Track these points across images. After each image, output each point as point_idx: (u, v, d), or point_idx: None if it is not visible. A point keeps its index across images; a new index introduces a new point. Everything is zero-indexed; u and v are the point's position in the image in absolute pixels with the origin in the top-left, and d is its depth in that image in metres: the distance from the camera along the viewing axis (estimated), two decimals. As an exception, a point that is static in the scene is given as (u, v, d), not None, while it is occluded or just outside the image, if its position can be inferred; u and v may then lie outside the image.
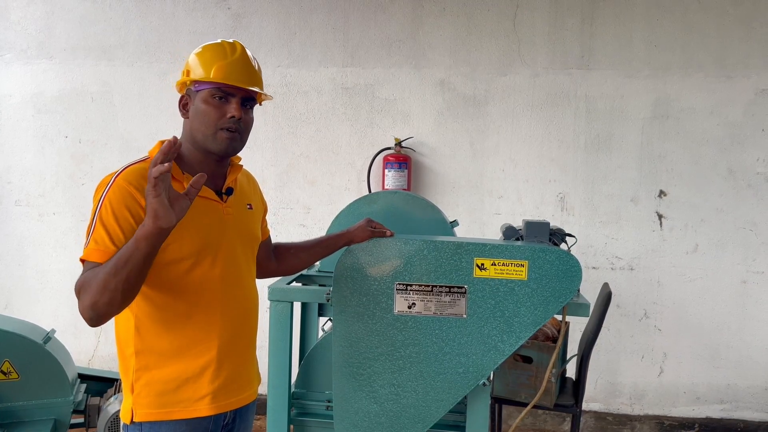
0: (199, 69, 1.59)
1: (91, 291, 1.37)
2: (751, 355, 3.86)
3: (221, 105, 1.58)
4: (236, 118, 1.58)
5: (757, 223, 3.80)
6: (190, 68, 1.62)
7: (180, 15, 4.02)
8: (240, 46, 1.64)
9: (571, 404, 2.85)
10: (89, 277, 1.40)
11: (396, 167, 3.82)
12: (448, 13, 3.88)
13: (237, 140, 1.61)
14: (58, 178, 4.17)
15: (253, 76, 1.63)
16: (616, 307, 3.88)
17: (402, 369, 1.99)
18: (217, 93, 1.58)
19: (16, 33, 4.12)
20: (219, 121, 1.57)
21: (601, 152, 3.86)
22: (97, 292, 1.36)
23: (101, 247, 1.44)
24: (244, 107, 1.62)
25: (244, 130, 1.62)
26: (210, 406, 1.61)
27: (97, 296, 1.36)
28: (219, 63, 1.58)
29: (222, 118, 1.58)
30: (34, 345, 2.66)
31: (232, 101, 1.59)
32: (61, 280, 4.20)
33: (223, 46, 1.63)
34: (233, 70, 1.59)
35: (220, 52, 1.61)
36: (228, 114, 1.58)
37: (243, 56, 1.62)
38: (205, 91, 1.58)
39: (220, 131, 1.58)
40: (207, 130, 1.58)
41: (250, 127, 1.66)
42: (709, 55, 3.76)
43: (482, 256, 1.94)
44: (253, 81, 1.62)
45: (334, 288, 2.01)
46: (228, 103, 1.59)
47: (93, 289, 1.37)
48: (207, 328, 1.60)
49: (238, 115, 1.58)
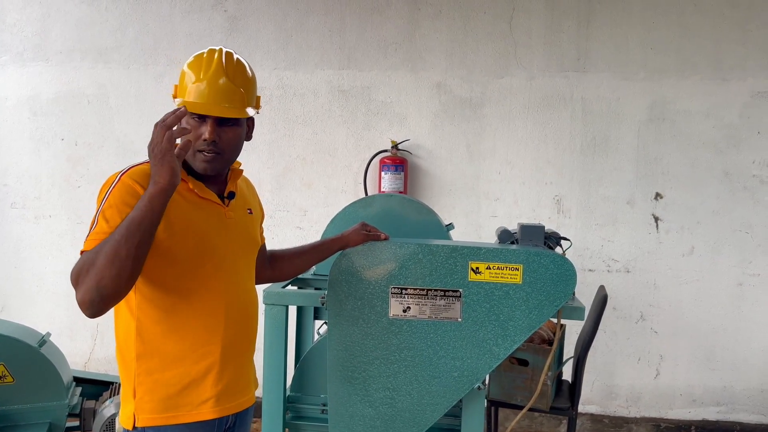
0: (182, 89, 1.58)
1: (95, 268, 1.34)
2: (747, 357, 3.87)
3: (198, 125, 1.54)
4: (209, 141, 1.53)
5: (753, 225, 3.81)
6: (178, 84, 1.61)
7: (176, 17, 4.02)
8: (217, 59, 1.57)
9: (567, 407, 2.85)
10: (90, 258, 1.37)
11: (392, 170, 3.82)
12: (445, 15, 3.88)
13: (216, 161, 1.57)
14: (54, 181, 4.16)
15: (227, 96, 1.56)
16: (613, 310, 3.88)
17: (397, 373, 1.99)
18: (194, 114, 1.54)
19: (12, 35, 4.11)
20: (196, 142, 1.54)
21: (598, 155, 3.87)
22: (104, 266, 1.33)
23: (101, 238, 1.41)
24: (225, 126, 1.56)
25: (223, 149, 1.57)
26: (213, 409, 1.61)
27: (104, 271, 1.33)
28: (193, 84, 1.55)
29: (198, 139, 1.54)
30: (29, 348, 2.65)
31: (207, 122, 1.54)
32: (57, 282, 4.19)
33: (201, 60, 1.58)
34: (204, 92, 1.54)
35: (196, 68, 1.57)
36: (202, 137, 1.54)
37: (216, 73, 1.55)
38: (186, 109, 1.56)
39: (197, 153, 1.56)
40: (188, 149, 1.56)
41: (236, 142, 1.61)
42: (704, 58, 3.77)
43: (477, 259, 1.94)
44: (227, 100, 1.55)
45: (329, 292, 2.01)
46: (204, 124, 1.54)
47: (99, 265, 1.33)
48: (211, 330, 1.59)
49: (210, 138, 1.53)
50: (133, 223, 1.33)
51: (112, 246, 1.33)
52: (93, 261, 1.36)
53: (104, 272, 1.33)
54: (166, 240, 1.50)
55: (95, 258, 1.35)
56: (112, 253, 1.33)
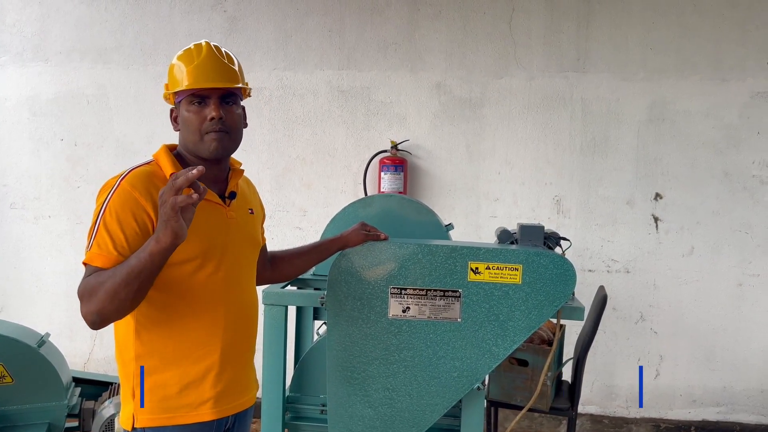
0: (174, 79, 1.60)
1: (98, 298, 1.38)
2: (747, 357, 3.87)
3: (201, 109, 1.56)
4: (216, 118, 1.55)
5: (753, 225, 3.80)
6: (169, 81, 1.62)
7: (176, 18, 4.02)
8: (206, 45, 1.62)
9: (567, 407, 2.85)
10: (94, 284, 1.40)
11: (392, 170, 3.82)
12: (444, 16, 3.89)
13: (226, 139, 1.59)
14: (53, 181, 4.16)
15: (225, 72, 1.60)
16: (612, 310, 3.88)
17: (396, 373, 1.99)
18: (194, 99, 1.56)
19: (11, 36, 4.11)
20: (202, 125, 1.56)
21: (597, 155, 3.87)
22: (105, 300, 1.37)
23: (104, 252, 1.44)
24: (226, 105, 1.59)
25: (231, 127, 1.60)
26: (213, 410, 1.60)
27: (104, 304, 1.38)
28: (187, 69, 1.57)
29: (204, 122, 1.56)
30: (29, 349, 2.65)
31: (210, 102, 1.56)
32: (56, 283, 4.19)
33: (189, 50, 1.62)
34: (201, 71, 1.57)
35: (187, 57, 1.60)
36: (208, 117, 1.56)
37: (209, 55, 1.59)
38: (184, 100, 1.58)
39: (205, 135, 1.57)
40: (194, 137, 1.57)
41: (239, 121, 1.64)
42: (704, 58, 3.77)
43: (476, 259, 1.94)
44: (224, 77, 1.59)
45: (329, 292, 2.01)
46: (206, 105, 1.57)
47: (101, 297, 1.38)
48: (210, 331, 1.59)
49: (218, 114, 1.55)
50: (133, 272, 1.36)
51: (112, 286, 1.37)
52: (95, 290, 1.39)
53: (105, 305, 1.38)
54: None
55: (97, 289, 1.39)
56: (112, 292, 1.37)
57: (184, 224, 1.31)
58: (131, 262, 1.36)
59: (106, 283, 1.38)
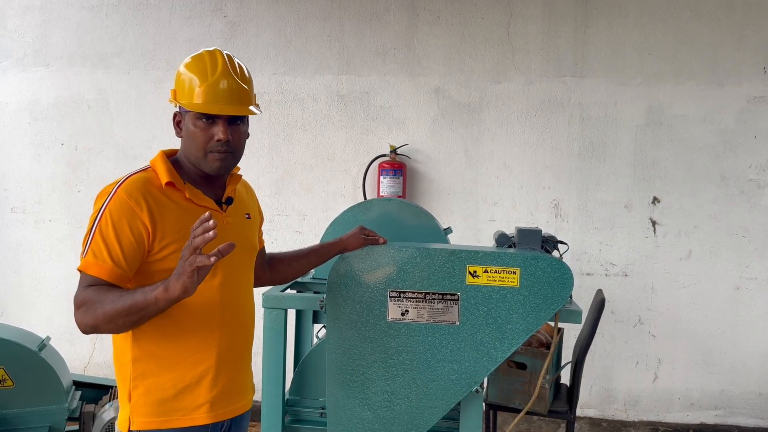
0: (184, 91, 1.58)
1: (95, 315, 1.40)
2: (744, 360, 3.88)
3: (208, 127, 1.56)
4: (224, 140, 1.55)
5: (750, 229, 3.82)
6: (177, 88, 1.61)
7: (176, 23, 4.04)
8: (221, 59, 1.59)
9: (566, 410, 2.86)
10: (94, 299, 1.41)
11: (391, 174, 3.84)
12: (443, 21, 3.91)
13: (229, 159, 1.60)
14: (54, 186, 4.18)
15: (238, 94, 1.58)
16: (610, 314, 3.89)
17: (395, 376, 2.00)
18: (202, 116, 1.55)
19: (12, 41, 4.13)
20: (207, 144, 1.56)
21: (595, 159, 3.89)
22: (101, 320, 1.40)
23: (99, 261, 1.46)
24: (234, 125, 1.59)
25: (235, 148, 1.60)
26: (208, 414, 1.61)
27: (100, 322, 1.41)
28: (201, 86, 1.54)
29: (210, 141, 1.56)
30: (29, 352, 2.66)
31: (219, 123, 1.56)
32: (56, 287, 4.20)
33: (204, 62, 1.58)
34: (214, 93, 1.55)
35: (202, 70, 1.57)
36: (215, 137, 1.55)
37: (224, 73, 1.57)
38: (192, 113, 1.57)
39: (210, 154, 1.57)
40: (198, 152, 1.58)
41: (244, 140, 1.65)
42: (701, 63, 3.79)
43: (475, 263, 1.96)
44: (237, 100, 1.57)
45: (328, 295, 2.02)
46: (215, 124, 1.56)
47: (98, 316, 1.40)
48: (206, 336, 1.60)
49: (225, 138, 1.55)
50: (136, 306, 1.38)
51: (112, 311, 1.39)
52: (93, 305, 1.41)
53: (100, 323, 1.42)
54: (160, 252, 1.52)
55: (96, 306, 1.41)
56: (111, 316, 1.40)
57: (196, 282, 1.33)
58: (137, 296, 1.38)
59: (106, 305, 1.40)
